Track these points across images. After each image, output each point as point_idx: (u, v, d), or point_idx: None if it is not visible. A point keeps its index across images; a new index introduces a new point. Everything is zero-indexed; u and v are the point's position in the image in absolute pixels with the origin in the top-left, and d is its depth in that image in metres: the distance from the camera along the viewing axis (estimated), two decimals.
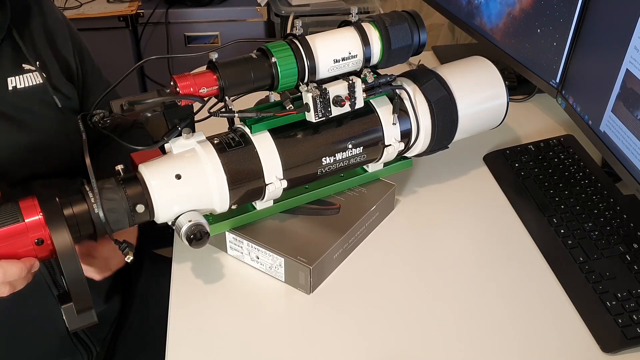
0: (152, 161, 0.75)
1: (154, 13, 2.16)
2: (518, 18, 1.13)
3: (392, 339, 0.77)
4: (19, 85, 0.89)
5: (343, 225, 0.85)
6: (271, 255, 0.82)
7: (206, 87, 0.73)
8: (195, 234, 0.74)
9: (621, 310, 0.78)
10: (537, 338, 0.77)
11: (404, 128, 0.88)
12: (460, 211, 0.97)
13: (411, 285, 0.84)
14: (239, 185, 0.77)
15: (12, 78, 0.88)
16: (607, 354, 0.75)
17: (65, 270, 0.66)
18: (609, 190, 0.96)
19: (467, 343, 0.76)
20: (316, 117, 0.79)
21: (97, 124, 0.72)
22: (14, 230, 0.66)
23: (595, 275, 0.83)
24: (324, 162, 0.83)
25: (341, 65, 0.79)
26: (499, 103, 0.94)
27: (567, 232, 0.90)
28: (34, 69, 0.90)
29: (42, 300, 0.92)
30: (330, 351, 0.75)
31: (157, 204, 0.73)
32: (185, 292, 0.83)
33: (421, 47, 0.84)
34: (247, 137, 0.79)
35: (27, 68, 0.90)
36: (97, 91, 1.03)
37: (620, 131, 0.90)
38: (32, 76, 0.90)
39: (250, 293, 0.83)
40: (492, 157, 1.07)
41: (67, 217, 0.69)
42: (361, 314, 0.80)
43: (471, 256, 0.89)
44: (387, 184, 0.93)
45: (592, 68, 0.98)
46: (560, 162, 1.03)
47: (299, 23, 0.78)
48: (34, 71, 0.90)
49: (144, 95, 0.73)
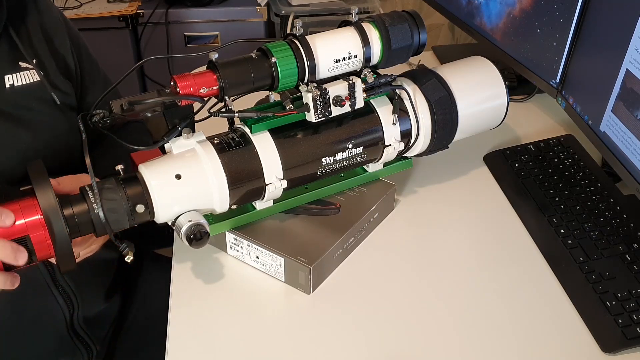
0: (152, 161, 0.75)
1: (154, 13, 2.16)
2: (518, 18, 1.13)
3: (392, 339, 0.77)
4: (16, 83, 0.88)
5: (343, 225, 0.85)
6: (271, 255, 0.82)
7: (206, 87, 0.73)
8: (195, 234, 0.74)
9: (621, 310, 0.78)
10: (537, 338, 0.77)
11: (404, 128, 0.88)
12: (460, 211, 0.97)
13: (411, 285, 0.84)
14: (239, 185, 0.77)
15: (9, 76, 0.88)
16: (607, 354, 0.75)
17: (50, 231, 0.67)
18: (609, 190, 0.96)
19: (467, 343, 0.76)
20: (316, 117, 0.79)
21: (97, 124, 0.72)
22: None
23: (595, 275, 0.83)
24: (324, 162, 0.83)
25: (341, 65, 0.79)
26: (499, 103, 0.94)
27: (567, 232, 0.90)
28: (31, 67, 0.90)
29: (41, 299, 0.92)
30: (330, 351, 0.75)
31: (157, 204, 0.73)
32: (185, 292, 0.83)
33: (421, 47, 0.84)
34: (247, 137, 0.79)
35: (24, 66, 0.90)
36: (96, 88, 1.03)
37: (620, 131, 0.90)
38: (29, 74, 0.90)
39: (250, 293, 0.83)
40: (492, 157, 1.07)
41: (67, 217, 0.69)
42: (361, 314, 0.80)
43: (471, 256, 0.89)
44: (387, 184, 0.93)
45: (592, 68, 0.98)
46: (560, 162, 1.03)
47: (299, 23, 0.77)
48: (31, 69, 0.90)
49: (144, 95, 0.73)
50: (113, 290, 1.07)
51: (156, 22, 2.18)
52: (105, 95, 0.80)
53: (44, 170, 0.68)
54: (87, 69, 1.03)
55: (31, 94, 0.90)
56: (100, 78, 1.06)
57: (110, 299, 1.05)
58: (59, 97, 0.92)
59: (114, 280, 1.07)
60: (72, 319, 0.97)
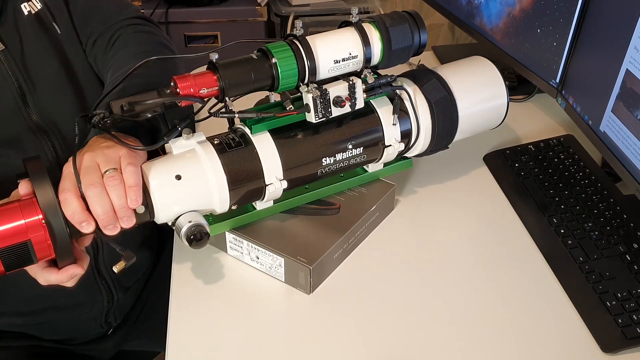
0: (152, 161, 0.75)
1: (154, 13, 2.16)
2: (518, 18, 1.13)
3: (392, 339, 0.77)
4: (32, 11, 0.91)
5: (343, 225, 0.85)
6: (271, 255, 0.82)
7: (206, 87, 0.73)
8: (195, 234, 0.74)
9: (621, 310, 0.78)
10: (537, 338, 0.77)
11: (404, 128, 0.88)
12: (460, 211, 0.97)
13: (411, 285, 0.84)
14: (239, 185, 0.77)
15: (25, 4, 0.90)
16: (607, 354, 0.75)
17: (49, 227, 0.67)
18: (609, 190, 0.96)
19: (466, 343, 0.76)
20: (316, 117, 0.79)
21: (97, 124, 0.72)
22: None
23: (595, 275, 0.83)
24: (324, 163, 0.83)
25: (341, 65, 0.79)
26: (499, 103, 0.94)
27: (567, 232, 0.90)
28: None
29: None
30: (330, 351, 0.75)
31: (157, 205, 0.73)
32: (185, 292, 0.83)
33: (421, 48, 0.84)
34: (247, 138, 0.79)
35: None
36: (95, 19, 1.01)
37: (620, 131, 0.90)
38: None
39: (250, 293, 0.83)
40: (492, 157, 1.07)
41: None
42: (361, 314, 0.80)
43: (471, 256, 0.89)
44: (387, 184, 0.93)
45: (592, 68, 0.98)
46: (560, 162, 1.03)
47: (299, 23, 0.77)
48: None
49: (144, 96, 0.73)
50: (145, 246, 1.07)
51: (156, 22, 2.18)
52: (105, 96, 0.81)
53: (43, 168, 0.68)
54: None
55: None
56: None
57: (140, 252, 1.05)
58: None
59: (149, 237, 1.07)
60: (96, 259, 0.97)
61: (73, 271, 0.71)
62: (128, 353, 1.17)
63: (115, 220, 0.70)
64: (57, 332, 1.03)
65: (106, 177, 0.69)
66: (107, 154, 0.70)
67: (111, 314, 1.05)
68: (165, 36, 1.04)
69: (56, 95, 0.92)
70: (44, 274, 0.72)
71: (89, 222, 0.68)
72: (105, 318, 1.05)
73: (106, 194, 0.68)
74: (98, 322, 1.04)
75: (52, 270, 0.72)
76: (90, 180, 0.68)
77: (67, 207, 0.67)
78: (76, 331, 1.05)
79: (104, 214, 0.68)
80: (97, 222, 0.69)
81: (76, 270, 0.72)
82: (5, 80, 0.87)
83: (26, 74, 0.89)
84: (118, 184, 0.69)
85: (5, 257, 0.67)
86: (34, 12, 0.91)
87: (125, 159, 0.70)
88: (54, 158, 0.91)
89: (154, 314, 1.10)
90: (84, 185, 0.68)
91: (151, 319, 1.11)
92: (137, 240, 1.07)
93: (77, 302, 1.00)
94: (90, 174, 0.68)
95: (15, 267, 0.69)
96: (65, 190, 0.68)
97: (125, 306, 1.08)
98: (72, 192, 0.68)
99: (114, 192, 0.68)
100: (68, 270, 0.71)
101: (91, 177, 0.68)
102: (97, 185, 0.68)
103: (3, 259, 0.67)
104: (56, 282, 0.72)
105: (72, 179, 0.69)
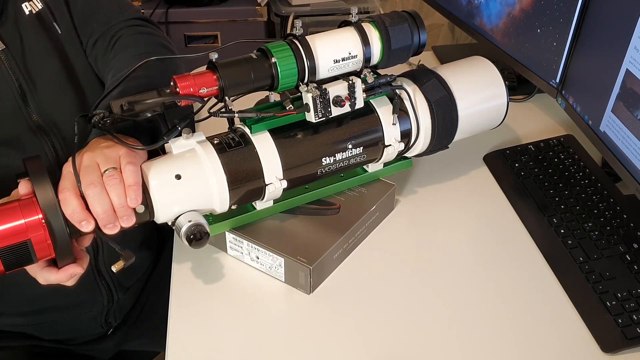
0: (152, 161, 0.75)
1: (154, 13, 2.16)
2: (518, 18, 1.13)
3: (392, 339, 0.77)
4: (33, 10, 0.91)
5: (343, 225, 0.85)
6: (271, 255, 0.82)
7: (206, 87, 0.73)
8: (195, 234, 0.74)
9: (621, 310, 0.78)
10: (537, 338, 0.77)
11: (404, 128, 0.88)
12: (460, 211, 0.97)
13: (411, 285, 0.84)
14: (239, 185, 0.77)
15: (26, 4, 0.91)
16: (607, 354, 0.75)
17: (49, 227, 0.67)
18: (609, 190, 0.96)
19: (466, 343, 0.76)
20: (316, 117, 0.79)
21: (97, 124, 0.72)
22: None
23: (595, 275, 0.83)
24: (324, 163, 0.83)
25: (341, 65, 0.79)
26: (499, 103, 0.94)
27: (567, 232, 0.90)
28: None
29: None
30: (330, 351, 0.75)
31: (157, 204, 0.73)
32: (185, 292, 0.83)
33: (421, 47, 0.84)
34: (247, 138, 0.79)
35: None
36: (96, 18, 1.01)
37: (620, 131, 0.90)
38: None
39: (250, 293, 0.83)
40: (492, 157, 1.07)
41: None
42: (361, 314, 0.80)
43: (471, 256, 0.89)
44: (387, 184, 0.93)
45: (592, 68, 0.98)
46: (560, 162, 1.03)
47: (299, 23, 0.77)
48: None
49: (144, 95, 0.73)
50: (146, 246, 1.07)
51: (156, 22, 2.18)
52: (105, 96, 0.81)
53: (43, 167, 0.68)
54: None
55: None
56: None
57: (140, 252, 1.05)
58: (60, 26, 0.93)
59: (149, 237, 1.07)
60: (96, 259, 0.97)
61: (73, 271, 0.71)
62: (128, 353, 1.17)
63: (115, 220, 0.70)
64: (57, 332, 1.03)
65: (106, 177, 0.69)
66: (106, 153, 0.70)
67: (111, 314, 1.05)
68: (166, 37, 1.05)
69: (56, 95, 0.92)
70: (43, 274, 0.72)
71: (89, 221, 0.68)
72: (105, 318, 1.05)
73: (106, 193, 0.68)
74: (98, 322, 1.04)
75: (52, 270, 0.72)
76: (90, 179, 0.68)
77: (66, 207, 0.67)
78: (76, 331, 1.05)
79: (103, 213, 0.68)
80: (96, 222, 0.69)
81: (76, 270, 0.72)
82: (5, 80, 0.87)
83: (27, 73, 0.89)
84: (118, 183, 0.69)
85: (5, 256, 0.67)
86: (35, 12, 0.91)
87: (125, 158, 0.70)
88: (54, 158, 0.91)
89: (154, 314, 1.10)
90: (83, 185, 0.68)
91: (151, 319, 1.11)
92: (137, 240, 1.07)
93: (77, 302, 1.00)
94: (89, 174, 0.68)
95: (15, 267, 0.69)
96: (65, 190, 0.68)
97: (125, 306, 1.08)
98: (71, 191, 0.68)
99: (114, 191, 0.68)
100: (68, 269, 0.71)
101: (91, 177, 0.68)
102: (96, 185, 0.68)
103: (3, 259, 0.67)
104: (56, 281, 0.72)
105: (71, 179, 0.69)
